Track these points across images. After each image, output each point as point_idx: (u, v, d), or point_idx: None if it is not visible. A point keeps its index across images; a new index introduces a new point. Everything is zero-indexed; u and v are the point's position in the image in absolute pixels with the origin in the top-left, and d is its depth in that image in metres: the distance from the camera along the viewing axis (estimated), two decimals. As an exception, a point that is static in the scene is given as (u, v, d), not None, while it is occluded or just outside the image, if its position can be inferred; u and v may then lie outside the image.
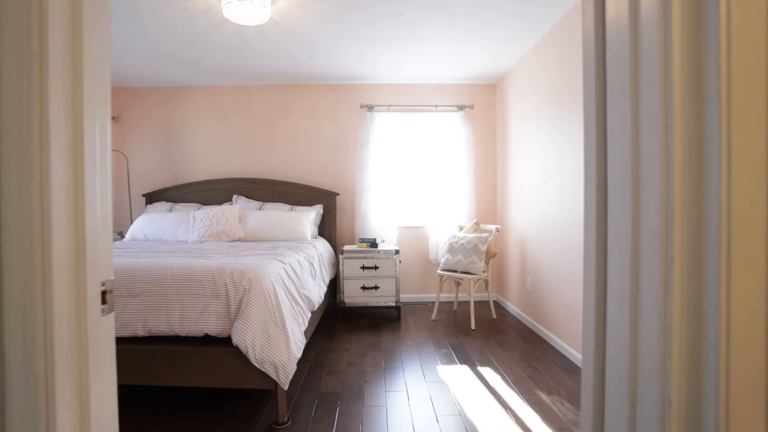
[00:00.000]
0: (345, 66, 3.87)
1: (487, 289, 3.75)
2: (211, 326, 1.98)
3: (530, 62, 3.44)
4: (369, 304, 3.73)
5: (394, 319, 3.80)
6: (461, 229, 3.98)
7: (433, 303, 4.30)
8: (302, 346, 2.16)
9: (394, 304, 3.73)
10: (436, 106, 4.27)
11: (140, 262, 2.17)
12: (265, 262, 2.31)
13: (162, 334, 2.01)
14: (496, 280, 4.36)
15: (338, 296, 4.17)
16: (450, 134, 4.28)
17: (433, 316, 3.76)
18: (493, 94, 4.40)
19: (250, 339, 1.90)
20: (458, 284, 3.98)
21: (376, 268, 3.71)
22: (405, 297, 4.39)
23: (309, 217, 3.85)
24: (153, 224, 3.63)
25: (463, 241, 3.61)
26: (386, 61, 3.77)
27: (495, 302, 4.23)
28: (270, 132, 4.36)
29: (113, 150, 4.09)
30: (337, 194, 4.21)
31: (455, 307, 4.07)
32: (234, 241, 3.53)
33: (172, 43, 3.27)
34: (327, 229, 4.20)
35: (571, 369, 2.56)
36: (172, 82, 4.21)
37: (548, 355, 2.81)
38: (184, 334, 1.99)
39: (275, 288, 2.09)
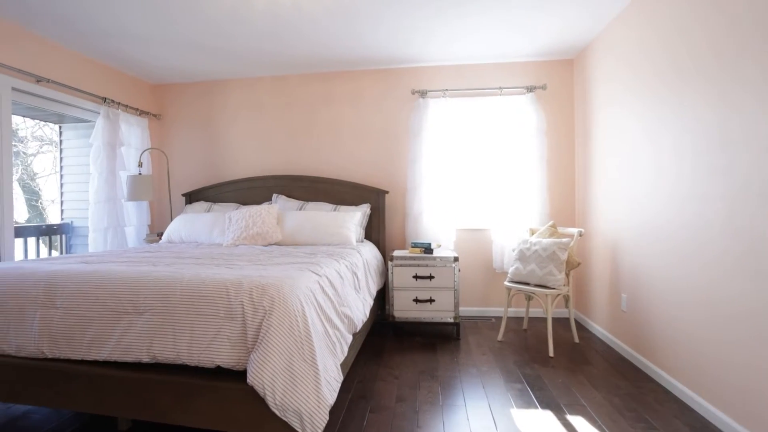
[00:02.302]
0: (393, 46, 3.38)
1: (566, 306, 3.07)
2: (224, 356, 1.57)
3: (622, 28, 2.72)
4: (423, 320, 3.20)
5: (452, 337, 3.24)
6: (533, 232, 3.33)
7: (497, 319, 3.68)
8: (338, 386, 1.69)
9: (452, 321, 3.18)
10: (500, 88, 3.65)
11: (151, 272, 1.83)
12: (295, 274, 1.87)
13: (168, 362, 1.63)
14: (576, 295, 3.64)
15: (387, 308, 3.70)
16: (518, 121, 3.64)
17: (500, 337, 3.15)
18: (570, 71, 3.69)
19: (269, 378, 1.46)
20: (529, 298, 3.34)
21: (431, 277, 3.17)
22: (464, 310, 3.81)
23: (354, 218, 3.40)
24: (188, 225, 3.37)
25: (537, 247, 2.97)
26: (441, 38, 3.23)
27: (576, 321, 3.51)
28: (312, 125, 3.98)
29: (154, 149, 3.93)
30: (386, 192, 3.73)
31: (525, 326, 3.42)
32: (270, 244, 3.17)
33: (200, 28, 2.96)
34: (374, 231, 3.74)
35: (707, 429, 1.85)
36: (209, 75, 3.97)
37: (663, 402, 2.11)
38: (192, 364, 1.60)
39: (304, 309, 1.64)
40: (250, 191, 3.89)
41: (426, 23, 2.96)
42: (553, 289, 2.84)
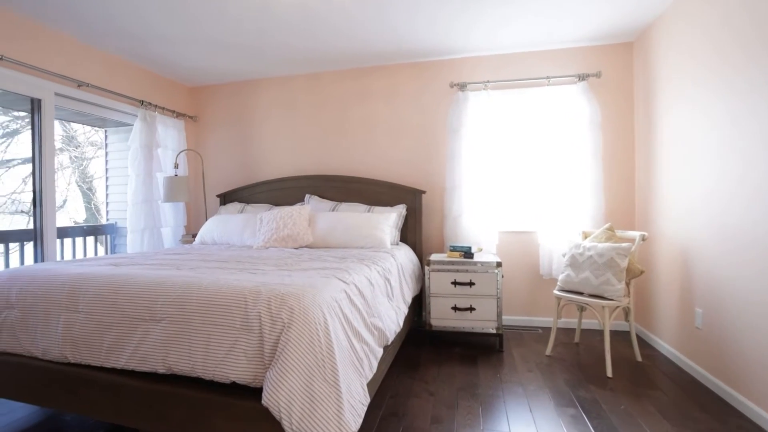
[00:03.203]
0: (430, 37, 3.17)
1: (626, 319, 2.72)
2: (240, 371, 1.43)
3: (694, 2, 2.35)
4: (462, 329, 2.96)
5: (495, 349, 2.97)
6: (586, 236, 3.00)
7: (544, 330, 3.36)
8: (363, 410, 1.50)
9: (494, 331, 2.91)
10: (548, 78, 3.33)
11: (170, 277, 1.74)
12: (319, 282, 1.71)
13: (184, 374, 1.53)
14: (637, 306, 3.25)
15: (424, 314, 3.49)
16: (568, 113, 3.30)
17: (548, 351, 2.85)
18: (629, 55, 3.30)
19: (285, 399, 1.31)
20: (582, 309, 3.00)
21: (471, 284, 2.93)
22: (507, 319, 3.52)
23: (389, 219, 3.22)
24: (221, 227, 3.34)
25: (591, 252, 2.64)
26: (482, 27, 2.98)
27: (637, 337, 3.12)
28: (345, 123, 3.84)
29: (190, 150, 3.96)
30: (423, 192, 3.52)
31: (577, 339, 3.08)
32: (301, 247, 3.06)
33: (229, 26, 2.89)
34: (410, 233, 3.54)
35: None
36: (243, 75, 3.95)
37: (757, 443, 1.76)
38: (207, 378, 1.48)
39: (327, 322, 1.47)
40: (283, 192, 3.81)
41: (467, 11, 2.73)
42: (612, 300, 2.51)
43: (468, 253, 3.06)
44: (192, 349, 1.51)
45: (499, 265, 2.91)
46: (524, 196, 3.55)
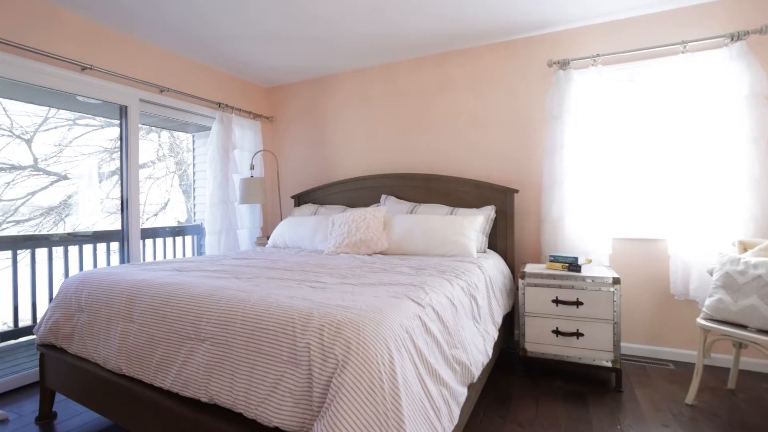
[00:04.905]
0: (524, 7, 2.65)
1: (817, 367, 1.93)
2: (285, 415, 1.14)
3: None
4: (566, 358, 2.40)
5: (610, 388, 2.36)
6: (746, 247, 2.24)
7: (677, 364, 2.63)
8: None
9: (609, 365, 2.30)
10: (683, 43, 2.59)
11: (219, 290, 1.53)
12: (387, 303, 1.36)
13: (226, 407, 1.28)
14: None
15: (516, 334, 2.98)
16: (713, 85, 2.53)
17: (690, 398, 2.16)
18: (810, 2, 2.43)
19: (334, 467, 0.97)
20: (741, 345, 2.25)
21: (578, 303, 2.36)
22: (625, 347, 2.85)
23: (474, 223, 2.77)
24: (292, 229, 3.18)
25: (760, 271, 1.92)
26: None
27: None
28: (425, 116, 3.46)
29: (266, 151, 3.91)
30: (516, 191, 3.00)
31: (732, 384, 2.32)
32: (375, 253, 2.75)
33: (293, 20, 2.69)
34: (500, 239, 3.04)
35: None
36: (316, 71, 3.79)
37: None
38: (250, 417, 1.22)
39: (393, 362, 1.11)
40: (358, 192, 3.56)
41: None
42: (798, 339, 1.77)
43: (574, 265, 2.48)
44: (234, 380, 1.26)
45: (616, 281, 2.30)
46: (648, 194, 2.84)
